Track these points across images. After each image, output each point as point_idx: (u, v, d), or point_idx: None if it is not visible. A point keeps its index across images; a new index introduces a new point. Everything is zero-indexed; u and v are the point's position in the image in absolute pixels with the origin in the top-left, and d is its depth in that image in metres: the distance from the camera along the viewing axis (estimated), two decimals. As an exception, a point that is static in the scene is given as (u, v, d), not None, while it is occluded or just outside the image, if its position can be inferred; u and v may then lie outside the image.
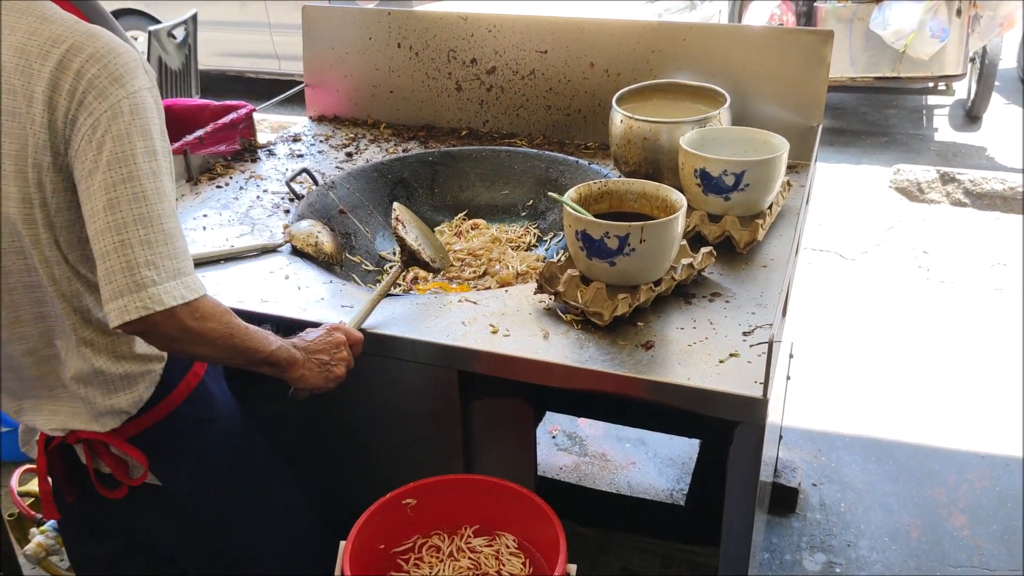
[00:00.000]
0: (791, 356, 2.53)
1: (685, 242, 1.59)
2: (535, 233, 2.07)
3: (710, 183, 1.68)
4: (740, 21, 6.09)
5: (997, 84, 6.20)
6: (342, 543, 1.37)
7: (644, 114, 1.90)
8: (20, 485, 2.22)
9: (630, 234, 1.42)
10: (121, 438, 1.34)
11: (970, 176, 4.87)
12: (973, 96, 6.17)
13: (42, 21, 1.13)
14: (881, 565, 2.48)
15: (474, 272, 1.91)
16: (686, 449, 2.94)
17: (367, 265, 1.95)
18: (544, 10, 2.39)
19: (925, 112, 6.62)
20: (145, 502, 1.42)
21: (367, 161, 2.22)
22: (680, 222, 1.48)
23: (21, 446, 1.45)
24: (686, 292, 1.57)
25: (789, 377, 2.58)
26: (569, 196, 1.56)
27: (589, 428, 3.08)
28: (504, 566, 1.42)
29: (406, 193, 2.17)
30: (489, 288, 1.80)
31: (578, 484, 2.80)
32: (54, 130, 1.12)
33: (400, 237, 1.61)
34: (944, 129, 6.23)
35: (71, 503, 1.45)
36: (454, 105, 2.43)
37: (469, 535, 1.48)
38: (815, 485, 2.79)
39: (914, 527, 2.61)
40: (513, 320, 1.51)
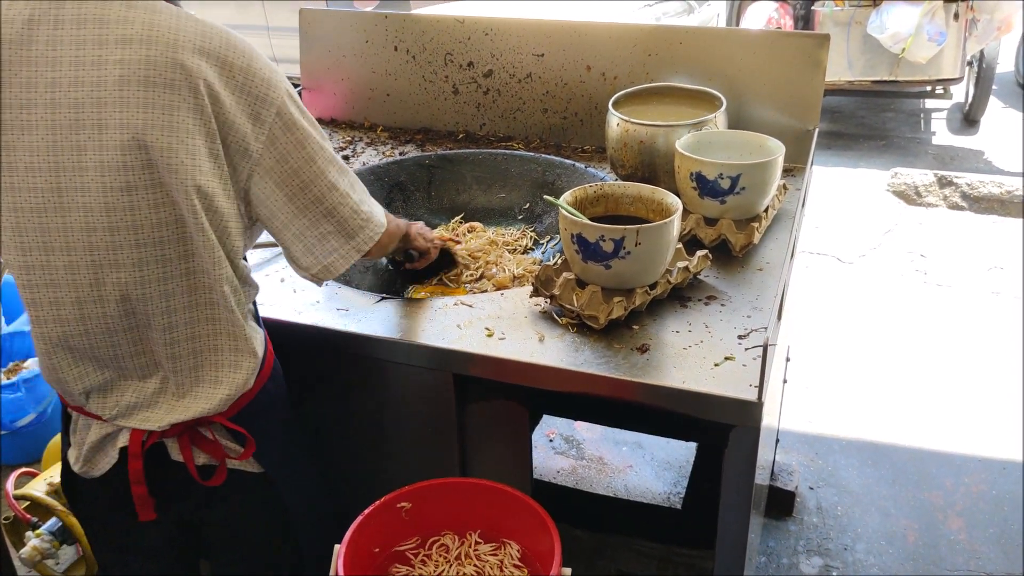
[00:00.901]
0: (788, 360, 2.54)
1: (681, 245, 1.59)
2: (531, 236, 2.07)
3: (706, 186, 1.68)
4: (738, 24, 6.10)
5: (994, 88, 6.22)
6: (337, 546, 1.36)
7: (641, 117, 1.91)
8: (16, 488, 2.21)
9: (625, 237, 1.42)
10: (225, 418, 1.32)
11: (967, 180, 4.88)
12: (970, 100, 6.19)
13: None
14: (878, 569, 2.47)
15: (471, 275, 1.90)
16: (683, 452, 2.94)
17: (363, 268, 1.95)
18: (541, 13, 2.39)
19: (922, 116, 6.63)
20: (228, 492, 1.39)
21: (364, 164, 2.22)
22: (676, 225, 1.48)
23: (81, 466, 1.36)
24: (682, 295, 1.57)
25: (786, 380, 2.58)
26: (565, 199, 1.56)
27: (586, 431, 3.08)
28: None
29: (403, 196, 2.17)
30: (486, 291, 1.80)
31: (575, 487, 2.80)
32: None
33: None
34: (942, 133, 6.24)
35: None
36: (451, 108, 2.43)
37: (476, 540, 1.47)
38: (812, 488, 2.79)
39: (911, 530, 2.61)
40: (509, 323, 1.50)
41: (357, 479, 1.73)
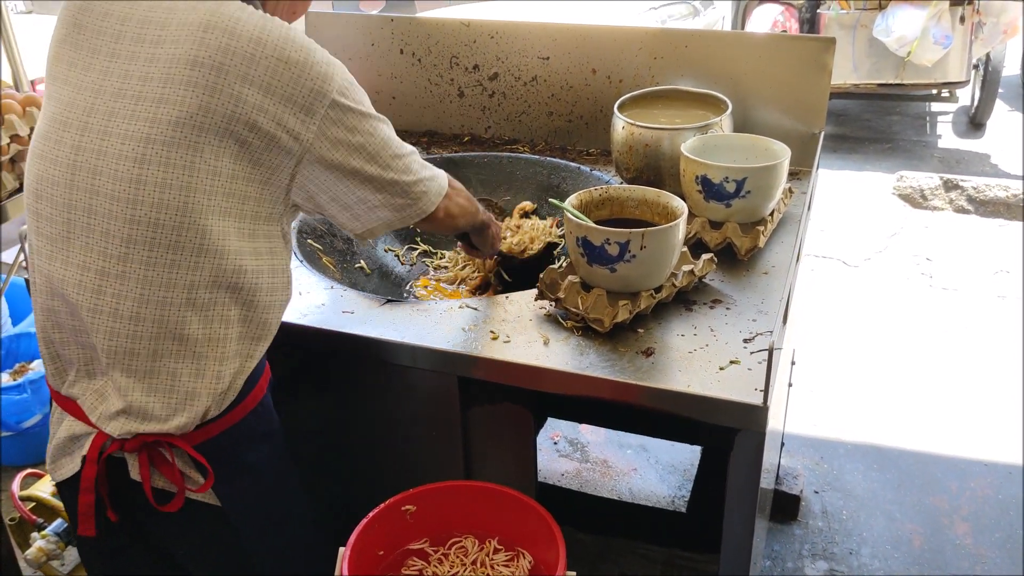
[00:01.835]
0: (793, 363, 2.53)
1: (686, 249, 1.59)
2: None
3: (711, 190, 1.68)
4: (743, 27, 6.09)
5: (1001, 91, 6.20)
6: (341, 549, 1.37)
7: (646, 121, 1.91)
8: (22, 489, 2.22)
9: (631, 240, 1.42)
10: (189, 444, 1.26)
11: (973, 183, 4.87)
12: (976, 103, 6.17)
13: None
14: (883, 573, 2.47)
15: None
16: (688, 456, 2.93)
17: (368, 269, 1.95)
18: (547, 16, 2.39)
19: (928, 119, 6.61)
20: (185, 519, 1.32)
21: (369, 167, 2.22)
22: (681, 229, 1.48)
23: (49, 465, 1.34)
24: (687, 299, 1.57)
25: (791, 384, 2.57)
26: (570, 202, 1.56)
27: (591, 434, 3.07)
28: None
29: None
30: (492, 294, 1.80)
31: (579, 490, 2.79)
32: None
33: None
34: (947, 136, 6.23)
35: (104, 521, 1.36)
36: (456, 111, 2.43)
37: (496, 547, 1.47)
38: (817, 492, 2.79)
39: (916, 535, 2.60)
40: (514, 326, 1.51)
41: (362, 481, 1.73)
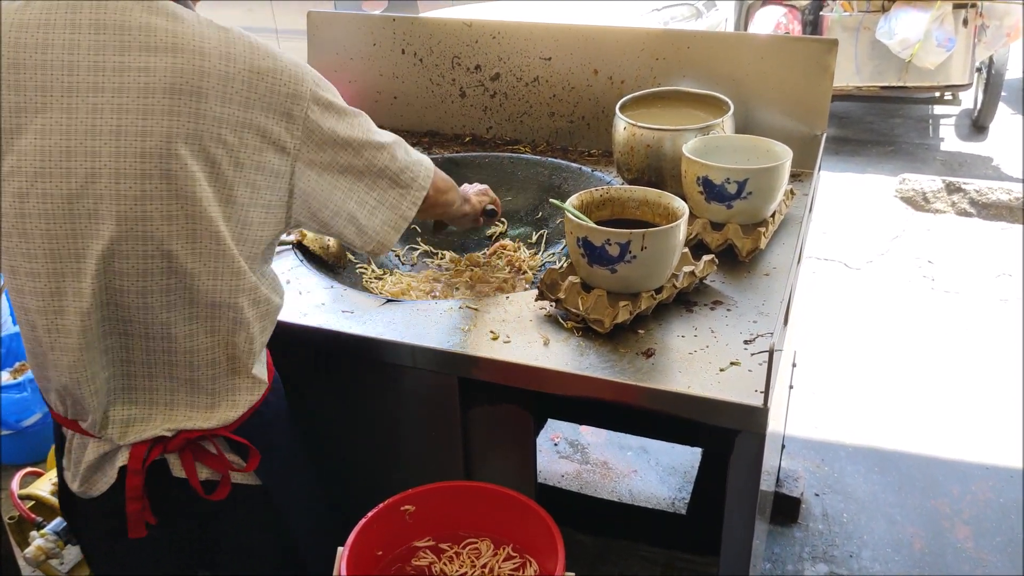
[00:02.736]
0: (794, 365, 2.53)
1: (687, 250, 1.58)
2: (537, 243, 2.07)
3: (712, 191, 1.68)
4: (746, 29, 6.09)
5: (1003, 94, 6.20)
6: (340, 549, 1.36)
7: (647, 121, 1.90)
8: (21, 488, 2.21)
9: (631, 241, 1.42)
10: (229, 431, 1.30)
11: (976, 186, 4.87)
12: (979, 106, 6.16)
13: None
14: (883, 576, 2.47)
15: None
16: (688, 457, 2.93)
17: (365, 269, 1.95)
18: (549, 16, 2.39)
19: (931, 122, 6.61)
20: (228, 507, 1.36)
21: (370, 166, 2.22)
22: (682, 230, 1.47)
23: (79, 486, 1.33)
24: (687, 300, 1.56)
25: (792, 386, 2.57)
26: (571, 203, 1.56)
27: (591, 435, 3.07)
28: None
29: (409, 199, 2.17)
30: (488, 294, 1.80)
31: (579, 492, 2.79)
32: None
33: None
34: (950, 139, 6.22)
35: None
36: (458, 111, 2.43)
37: (510, 553, 1.46)
38: (818, 495, 2.78)
39: (917, 538, 2.60)
40: (513, 327, 1.50)
41: (361, 482, 1.72)
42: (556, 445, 3.03)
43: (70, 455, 1.34)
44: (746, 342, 1.42)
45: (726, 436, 1.35)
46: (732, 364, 1.37)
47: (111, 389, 1.25)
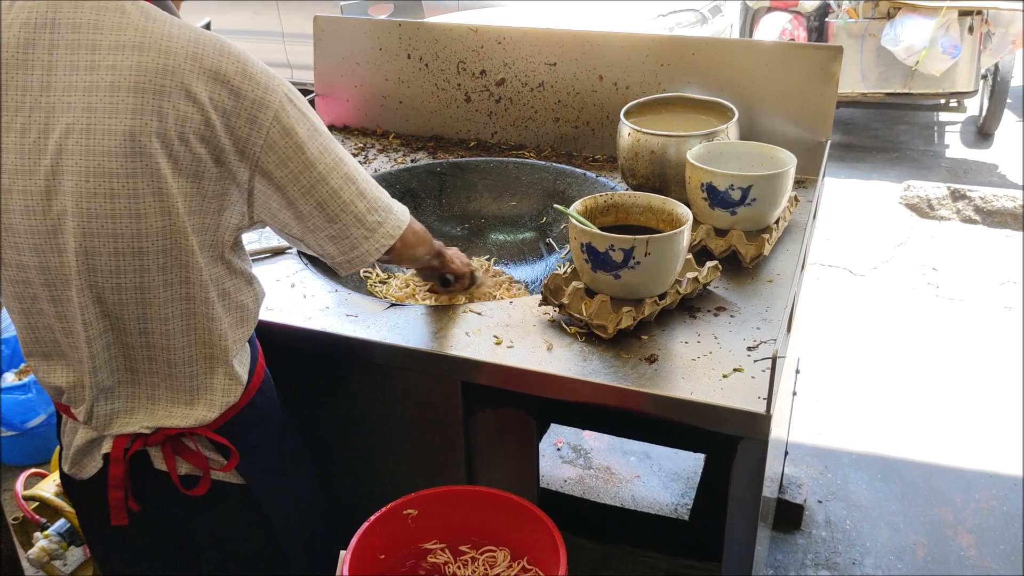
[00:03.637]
0: (797, 372, 2.52)
1: (691, 256, 1.59)
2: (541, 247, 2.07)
3: (717, 197, 1.68)
4: (751, 35, 6.09)
5: (1009, 101, 6.20)
6: (342, 552, 1.37)
7: (652, 127, 1.91)
8: (25, 489, 2.22)
9: (635, 247, 1.42)
10: (210, 430, 1.32)
11: (981, 193, 4.86)
12: (984, 113, 6.16)
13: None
14: (886, 584, 2.46)
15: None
16: (691, 463, 2.93)
17: (368, 272, 1.95)
18: (554, 22, 2.39)
19: (936, 129, 6.60)
20: (211, 503, 1.38)
21: (376, 171, 2.23)
22: (685, 236, 1.47)
23: (70, 467, 1.37)
24: (691, 306, 1.57)
25: (795, 393, 2.56)
26: (575, 208, 1.56)
27: (594, 441, 3.07)
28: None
29: (414, 203, 2.17)
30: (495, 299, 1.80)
31: (582, 497, 2.79)
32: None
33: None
34: (955, 146, 6.22)
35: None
36: (463, 116, 2.43)
37: (525, 566, 1.46)
38: (821, 502, 2.78)
39: (920, 546, 2.59)
40: (517, 331, 1.51)
41: (363, 485, 1.73)
42: (559, 450, 3.03)
43: (64, 437, 1.38)
44: (749, 348, 1.43)
45: (729, 442, 1.35)
46: (735, 370, 1.37)
47: (98, 382, 1.27)
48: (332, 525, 1.62)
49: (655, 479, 2.88)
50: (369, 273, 1.94)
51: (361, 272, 1.93)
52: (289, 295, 1.66)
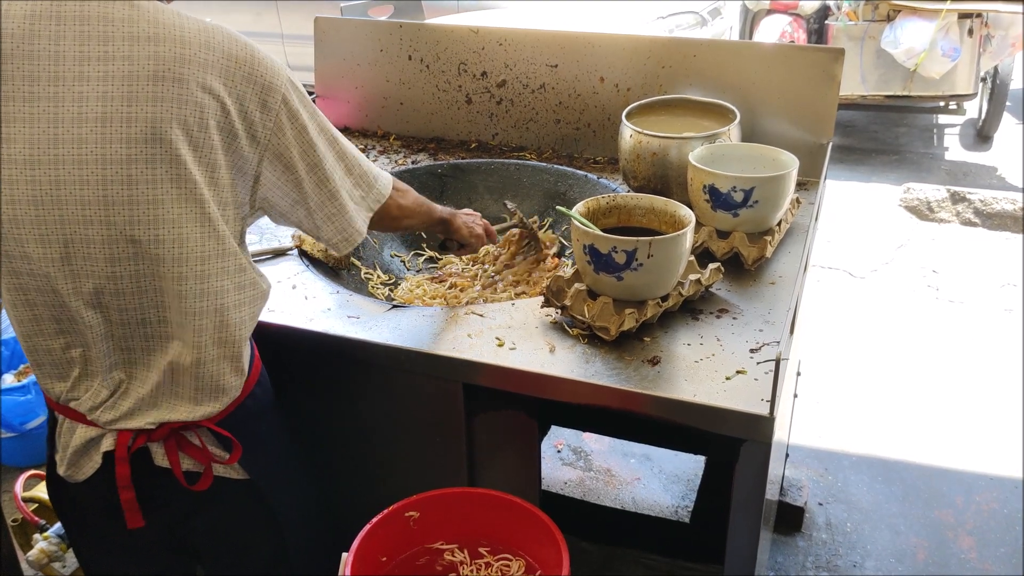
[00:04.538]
0: (799, 374, 2.52)
1: (693, 258, 1.58)
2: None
3: (719, 199, 1.68)
4: (751, 38, 6.10)
5: (1008, 104, 6.20)
6: (344, 554, 1.36)
7: (654, 129, 1.91)
8: (24, 491, 2.22)
9: (638, 249, 1.42)
10: (212, 423, 1.32)
11: (980, 196, 4.86)
12: (984, 116, 6.16)
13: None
14: (887, 586, 2.46)
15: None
16: (692, 465, 2.92)
17: (370, 274, 1.95)
18: (555, 24, 2.39)
19: (936, 131, 6.60)
20: (214, 498, 1.38)
21: (376, 172, 2.22)
22: (688, 238, 1.47)
23: (66, 470, 1.35)
24: (693, 308, 1.56)
25: (796, 395, 2.56)
26: (577, 210, 1.56)
27: (594, 443, 3.07)
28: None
29: (415, 205, 2.17)
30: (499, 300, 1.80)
31: (582, 499, 2.79)
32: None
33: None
34: (955, 148, 6.22)
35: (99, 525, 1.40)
36: (464, 118, 2.43)
37: (530, 571, 1.46)
38: (821, 504, 2.77)
39: (921, 548, 2.59)
40: (519, 333, 1.50)
41: (365, 487, 1.72)
42: (559, 452, 3.02)
43: (60, 439, 1.36)
44: (752, 351, 1.42)
45: (731, 445, 1.35)
46: (738, 373, 1.36)
47: (103, 379, 1.27)
48: (332, 524, 1.61)
49: (655, 481, 2.88)
50: (371, 274, 1.94)
51: (363, 273, 1.93)
52: (290, 296, 1.65)
